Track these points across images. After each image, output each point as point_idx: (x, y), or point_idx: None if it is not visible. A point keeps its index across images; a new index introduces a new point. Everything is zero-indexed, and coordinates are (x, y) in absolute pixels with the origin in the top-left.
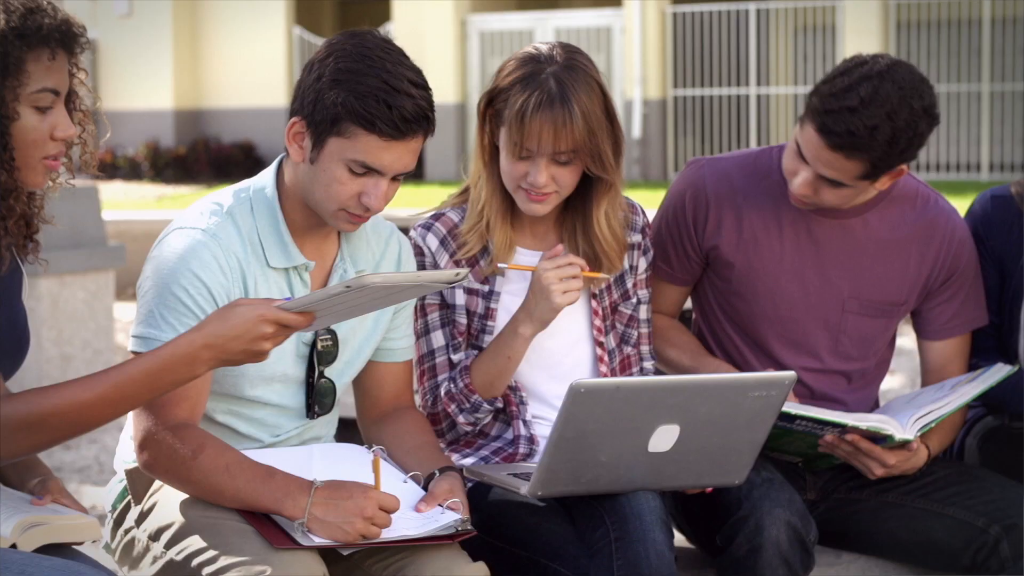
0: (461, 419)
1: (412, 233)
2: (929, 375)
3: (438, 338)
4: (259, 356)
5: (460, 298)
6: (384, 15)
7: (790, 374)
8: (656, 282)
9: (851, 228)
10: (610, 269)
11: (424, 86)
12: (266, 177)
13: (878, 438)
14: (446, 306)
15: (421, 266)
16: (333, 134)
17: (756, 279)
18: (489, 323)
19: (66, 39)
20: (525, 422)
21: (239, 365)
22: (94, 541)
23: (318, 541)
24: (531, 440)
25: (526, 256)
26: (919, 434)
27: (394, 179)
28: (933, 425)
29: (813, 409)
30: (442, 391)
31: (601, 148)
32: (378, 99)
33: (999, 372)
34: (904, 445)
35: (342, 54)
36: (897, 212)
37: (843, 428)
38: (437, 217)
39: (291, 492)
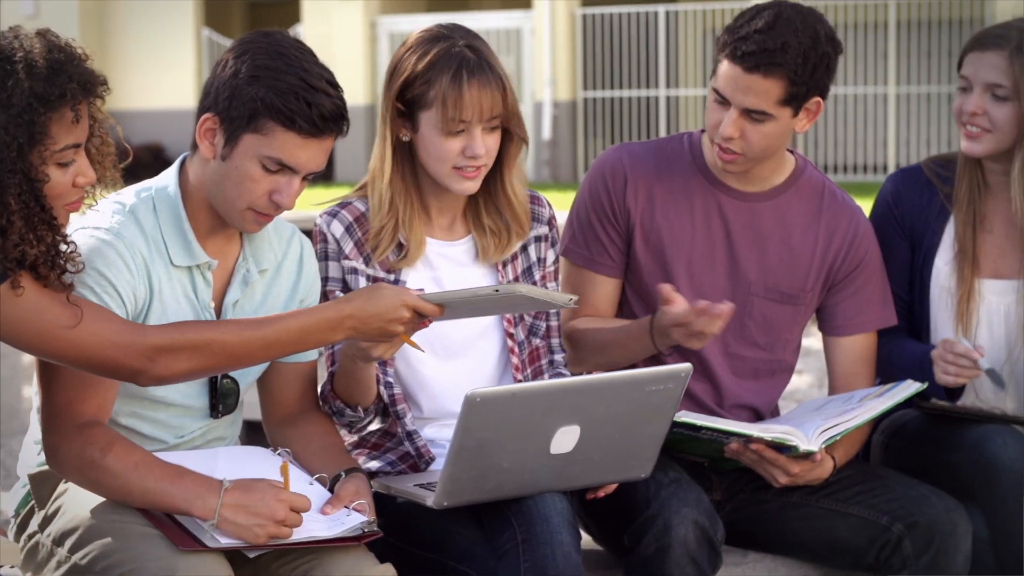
0: (334, 419)
1: (317, 220)
2: (836, 379)
3: None
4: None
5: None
6: (293, 17)
7: (686, 366)
8: (588, 277)
9: (760, 212)
10: (520, 234)
11: (338, 87)
12: (168, 176)
13: (783, 448)
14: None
15: (324, 252)
16: (249, 130)
17: (670, 257)
18: None
19: (87, 91)
20: (409, 433)
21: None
22: (12, 566)
23: (225, 543)
24: (418, 449)
25: (436, 246)
26: (823, 446)
27: (303, 178)
28: (839, 438)
29: (718, 420)
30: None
31: (517, 106)
32: (297, 96)
33: (908, 388)
34: (808, 456)
35: (259, 51)
36: (804, 202)
37: (748, 438)
38: (344, 205)
39: (201, 493)
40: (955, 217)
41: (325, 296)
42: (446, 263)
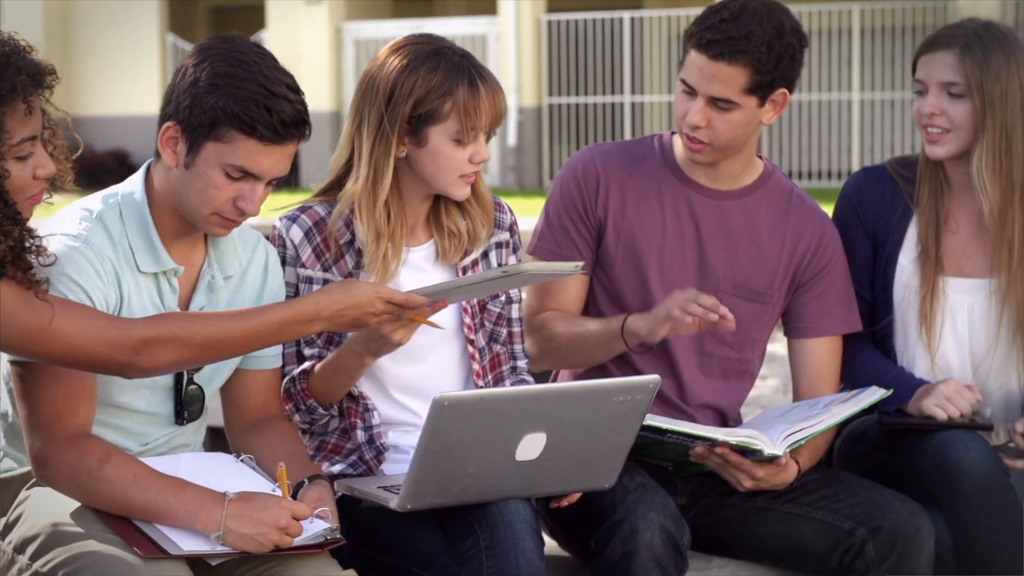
0: (297, 418)
1: (276, 224)
2: (801, 384)
3: None
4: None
5: None
6: (259, 22)
7: (654, 377)
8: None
9: (729, 211)
10: (484, 233)
11: (299, 91)
12: (134, 182)
13: (748, 452)
14: None
15: (282, 258)
16: (210, 139)
17: (642, 254)
18: None
19: (36, 82)
20: (370, 434)
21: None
22: None
23: (188, 550)
24: (377, 450)
25: (413, 252)
26: (788, 451)
27: (268, 184)
28: (803, 443)
29: (684, 424)
30: (282, 386)
31: None
32: (258, 103)
33: (873, 394)
34: (773, 460)
35: (217, 58)
36: (772, 203)
37: (713, 442)
38: (304, 210)
39: (205, 504)
40: (918, 218)
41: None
42: (404, 269)
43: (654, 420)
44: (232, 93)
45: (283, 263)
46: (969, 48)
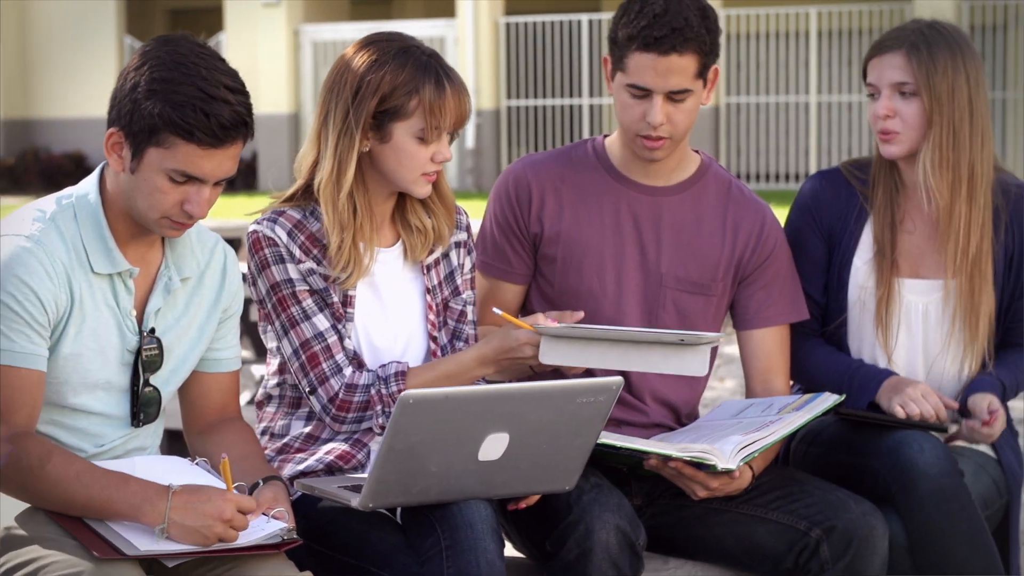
0: (379, 421)
1: (258, 227)
2: (753, 376)
3: (321, 321)
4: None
5: (320, 284)
6: (217, 25)
7: (617, 379)
8: (493, 283)
9: (668, 206)
10: (448, 231)
11: (241, 91)
12: (89, 184)
13: (702, 466)
14: (316, 292)
15: (277, 256)
16: (152, 144)
17: (583, 257)
18: (348, 310)
19: None
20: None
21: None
22: None
23: (144, 551)
24: (359, 443)
25: (384, 253)
26: (741, 464)
27: (216, 184)
28: (756, 455)
29: (638, 441)
30: (373, 391)
31: None
32: (195, 108)
33: (826, 401)
34: (727, 472)
35: (156, 63)
36: (712, 197)
37: (667, 457)
38: (280, 213)
39: (148, 497)
40: (873, 219)
41: (295, 297)
42: (380, 268)
43: (608, 438)
44: (169, 98)
45: (281, 261)
46: (916, 47)
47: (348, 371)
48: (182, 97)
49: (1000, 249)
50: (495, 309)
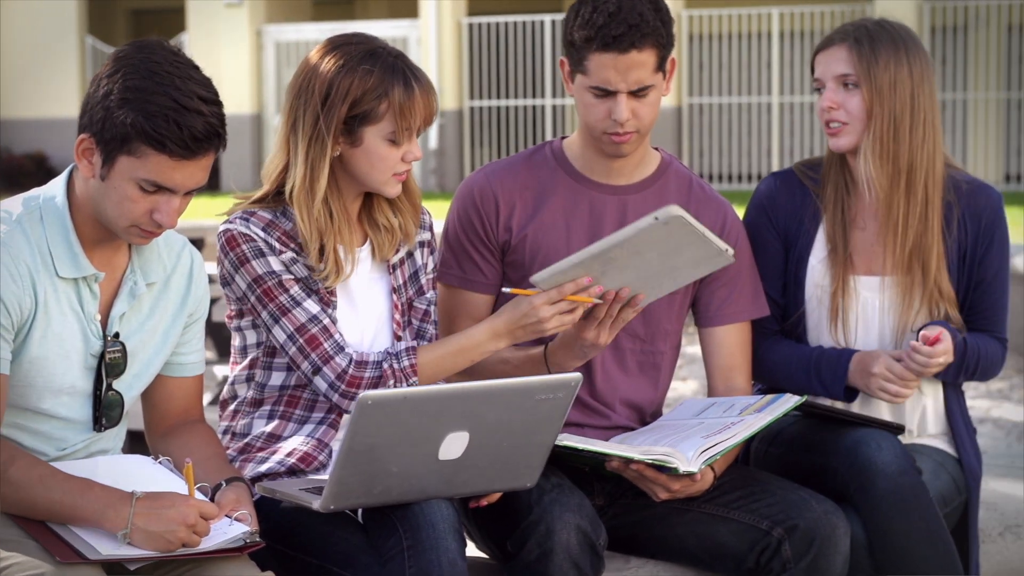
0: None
1: (231, 225)
2: (715, 374)
3: (312, 305)
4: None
5: (303, 272)
6: (179, 25)
7: (576, 376)
8: (464, 297)
9: (630, 205)
10: (414, 228)
11: (215, 101)
12: (56, 186)
13: (663, 468)
14: (301, 280)
15: (256, 251)
16: (123, 153)
17: (547, 260)
18: (333, 299)
19: None
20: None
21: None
22: None
23: (106, 554)
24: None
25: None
26: (703, 467)
27: (186, 194)
28: (718, 457)
29: (600, 443)
30: (385, 365)
31: None
32: (168, 119)
33: (788, 402)
34: (689, 475)
35: (130, 70)
36: (673, 192)
37: (629, 460)
38: (252, 214)
39: (112, 503)
40: (825, 217)
41: (282, 287)
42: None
43: (570, 440)
44: (142, 108)
45: (261, 255)
46: (859, 41)
47: (350, 350)
48: (155, 107)
49: (953, 244)
50: (504, 288)
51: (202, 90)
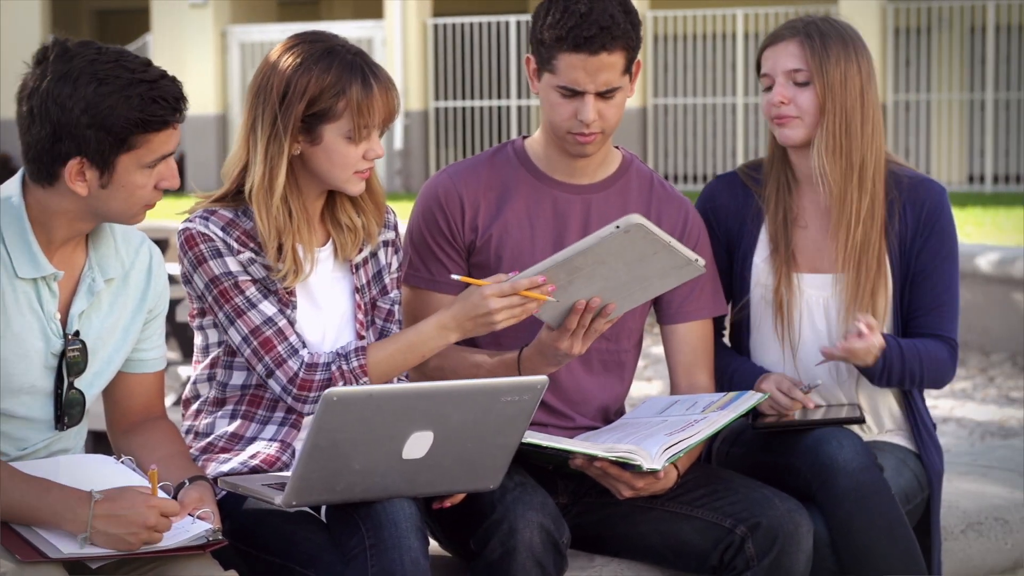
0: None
1: (191, 224)
2: (677, 372)
3: (268, 307)
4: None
5: (261, 273)
6: (143, 26)
7: (542, 378)
8: (430, 299)
9: (593, 204)
10: (377, 227)
11: (155, 65)
12: (12, 187)
13: (627, 466)
14: (258, 281)
15: (213, 251)
16: (123, 152)
17: (515, 260)
18: (292, 299)
19: None
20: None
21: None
22: None
23: (67, 553)
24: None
25: (316, 252)
26: (666, 464)
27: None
28: (682, 455)
29: (563, 440)
30: (334, 367)
31: None
32: (153, 100)
33: (750, 400)
34: (652, 472)
35: (83, 82)
36: (635, 193)
37: (593, 457)
38: (212, 212)
39: (71, 506)
40: (767, 216)
41: (237, 288)
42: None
43: (534, 438)
44: (126, 104)
45: (218, 255)
46: (809, 36)
47: (304, 352)
48: (136, 99)
49: (895, 240)
50: (453, 276)
51: (144, 61)
